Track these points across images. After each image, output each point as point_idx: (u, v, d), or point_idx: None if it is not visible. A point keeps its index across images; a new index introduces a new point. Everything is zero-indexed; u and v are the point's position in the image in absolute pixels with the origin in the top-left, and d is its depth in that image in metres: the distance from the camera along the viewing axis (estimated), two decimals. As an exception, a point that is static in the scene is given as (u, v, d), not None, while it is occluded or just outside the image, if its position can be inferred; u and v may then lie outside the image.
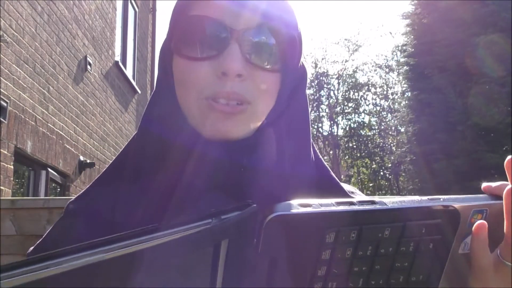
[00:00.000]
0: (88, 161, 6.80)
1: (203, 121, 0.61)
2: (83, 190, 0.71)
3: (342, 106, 18.14)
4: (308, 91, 0.71)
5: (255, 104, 0.61)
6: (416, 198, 0.50)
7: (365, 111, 18.15)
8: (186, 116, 0.63)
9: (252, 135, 0.63)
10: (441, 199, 0.50)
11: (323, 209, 0.45)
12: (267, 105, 0.63)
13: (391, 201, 0.48)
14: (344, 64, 18.29)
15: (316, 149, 0.73)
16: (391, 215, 0.47)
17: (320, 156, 0.72)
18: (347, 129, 17.82)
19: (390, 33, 19.04)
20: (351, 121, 17.96)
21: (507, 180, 0.53)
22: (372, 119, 17.89)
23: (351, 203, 0.47)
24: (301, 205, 0.45)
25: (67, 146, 6.21)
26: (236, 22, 0.59)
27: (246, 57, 0.59)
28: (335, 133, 17.74)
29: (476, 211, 0.51)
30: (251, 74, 0.60)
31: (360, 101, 18.03)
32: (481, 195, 0.55)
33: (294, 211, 0.44)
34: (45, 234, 0.68)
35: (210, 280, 0.43)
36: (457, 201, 0.51)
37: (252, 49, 0.60)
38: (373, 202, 0.47)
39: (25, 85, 5.12)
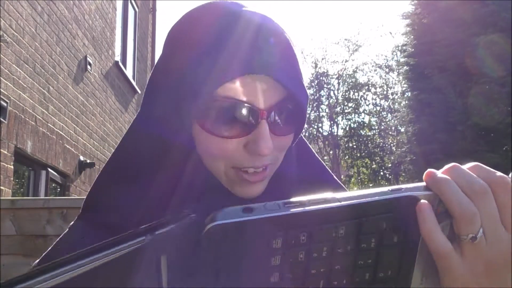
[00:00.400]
0: (88, 161, 6.80)
1: (231, 185, 0.64)
2: (92, 192, 0.72)
3: (342, 106, 18.14)
4: (308, 91, 0.72)
5: (276, 162, 0.65)
6: (377, 190, 0.46)
7: (365, 111, 18.15)
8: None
9: None
10: (402, 189, 0.46)
11: (266, 214, 0.43)
12: (282, 159, 0.67)
13: (347, 196, 0.45)
14: (344, 64, 18.29)
15: (311, 148, 0.75)
16: (344, 213, 0.44)
17: (317, 156, 0.74)
18: (347, 129, 17.82)
19: (390, 33, 19.04)
20: (351, 121, 17.97)
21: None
22: (372, 119, 17.89)
23: (301, 203, 0.44)
24: (244, 210, 0.43)
25: (67, 146, 6.21)
26: (262, 100, 0.60)
27: (273, 131, 0.61)
28: (335, 133, 17.74)
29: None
30: (276, 142, 0.62)
31: (360, 101, 18.03)
32: None
33: (233, 220, 0.42)
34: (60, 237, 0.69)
35: None
36: (418, 190, 0.46)
37: (277, 123, 0.62)
38: (325, 200, 0.44)
39: (25, 85, 5.12)
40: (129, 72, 9.14)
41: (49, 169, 5.69)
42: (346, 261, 0.45)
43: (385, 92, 17.75)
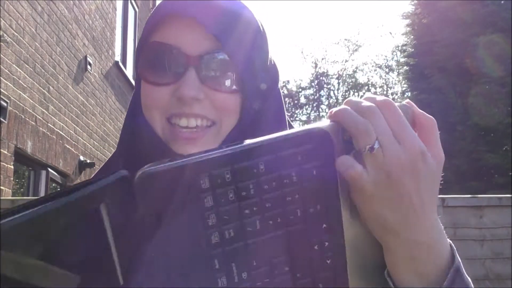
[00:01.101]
0: (88, 161, 6.81)
1: (169, 143, 0.65)
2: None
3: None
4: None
5: (219, 123, 0.65)
6: (287, 131, 0.48)
7: (365, 111, 18.13)
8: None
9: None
10: (306, 127, 0.48)
11: (189, 159, 0.45)
12: (230, 123, 0.66)
13: (262, 137, 0.47)
14: (344, 64, 18.31)
15: None
16: (260, 150, 0.46)
17: None
18: (347, 129, 17.78)
19: (390, 33, 19.07)
20: (351, 121, 17.92)
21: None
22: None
23: (220, 148, 0.46)
24: (170, 160, 0.45)
25: (67, 146, 6.22)
26: (193, 47, 0.63)
27: (203, 80, 0.63)
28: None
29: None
30: (210, 96, 0.63)
31: (360, 101, 18.00)
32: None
33: (159, 165, 0.45)
34: None
35: (102, 243, 0.44)
36: (320, 124, 0.48)
37: (208, 72, 0.63)
38: (241, 143, 0.47)
39: (25, 85, 5.12)
40: (129, 72, 9.15)
41: (49, 169, 5.69)
42: (275, 198, 0.47)
43: (385, 92, 17.76)
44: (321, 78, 17.90)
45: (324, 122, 0.49)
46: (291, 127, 0.73)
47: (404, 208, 0.46)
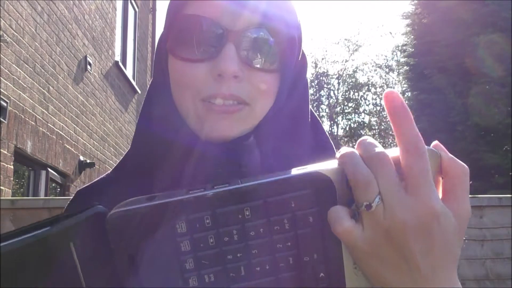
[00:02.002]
0: (88, 161, 6.80)
1: (200, 123, 0.60)
2: (91, 182, 0.73)
3: (342, 106, 18.15)
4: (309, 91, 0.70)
5: (253, 105, 0.61)
6: (282, 172, 0.44)
7: (365, 111, 18.16)
8: (183, 117, 0.63)
9: (250, 134, 0.62)
10: (308, 167, 0.44)
11: (164, 200, 0.42)
12: (266, 105, 0.62)
13: (252, 178, 0.44)
14: (344, 64, 18.31)
15: (327, 135, 0.71)
16: (246, 194, 0.43)
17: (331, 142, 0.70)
18: (347, 129, 17.83)
19: (390, 33, 19.06)
20: (351, 121, 17.98)
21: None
22: (372, 119, 17.90)
23: (205, 188, 0.43)
24: (148, 198, 0.43)
25: (67, 146, 6.21)
26: (233, 22, 0.58)
27: (242, 58, 0.58)
28: (335, 133, 17.76)
29: None
30: (248, 75, 0.59)
31: (360, 101, 18.04)
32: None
33: (132, 206, 0.42)
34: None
35: (73, 280, 0.42)
36: (328, 166, 0.44)
37: (249, 50, 0.59)
38: (228, 184, 0.43)
39: (25, 85, 5.12)
40: (129, 72, 9.14)
41: (49, 169, 5.69)
42: (263, 244, 0.44)
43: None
44: (321, 78, 17.91)
45: (330, 164, 0.44)
46: (313, 117, 0.69)
47: (409, 271, 0.41)
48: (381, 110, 17.68)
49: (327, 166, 0.44)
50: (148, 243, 0.42)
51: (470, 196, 0.44)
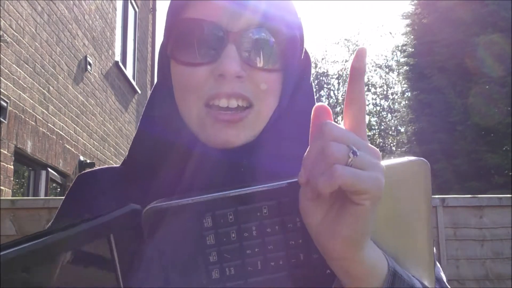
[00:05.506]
0: (88, 161, 6.80)
1: (203, 129, 0.60)
2: (93, 169, 0.74)
3: (342, 106, 18.12)
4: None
5: (257, 106, 0.61)
6: (290, 177, 0.49)
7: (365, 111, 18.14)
8: (185, 122, 0.63)
9: (256, 140, 0.62)
10: None
11: (195, 198, 0.47)
12: (270, 105, 0.62)
13: (269, 181, 0.49)
14: (344, 64, 18.30)
15: None
16: (264, 194, 0.48)
17: None
18: (347, 129, 17.77)
19: (390, 33, 19.06)
20: (351, 121, 17.91)
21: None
22: (372, 119, 17.89)
23: (229, 189, 0.48)
24: (178, 197, 0.47)
25: (67, 146, 6.21)
26: (233, 23, 0.58)
27: (244, 58, 0.58)
28: (335, 133, 17.71)
29: None
30: (251, 75, 0.59)
31: (360, 101, 17.99)
32: None
33: (165, 203, 0.47)
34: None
35: (112, 270, 0.46)
36: None
37: (250, 50, 0.59)
38: (248, 186, 0.48)
39: (25, 85, 5.12)
40: (129, 72, 9.14)
41: (49, 169, 5.69)
42: (277, 241, 0.48)
43: (385, 92, 17.76)
44: (321, 78, 17.90)
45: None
46: None
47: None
48: (381, 110, 17.69)
49: None
50: (177, 236, 0.47)
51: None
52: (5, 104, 4.59)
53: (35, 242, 0.42)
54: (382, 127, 17.10)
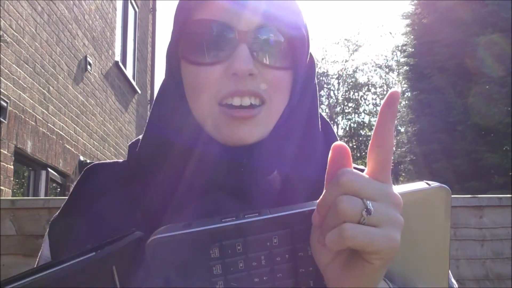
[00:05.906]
0: (88, 161, 6.80)
1: (218, 129, 0.61)
2: (102, 162, 0.74)
3: (342, 106, 18.15)
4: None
5: (269, 103, 0.62)
6: (309, 203, 0.48)
7: (365, 111, 18.17)
8: (198, 122, 0.63)
9: (268, 137, 0.63)
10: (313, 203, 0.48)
11: (200, 227, 0.46)
12: (281, 102, 0.63)
13: (280, 208, 0.48)
14: (344, 64, 18.31)
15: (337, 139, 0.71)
16: (274, 223, 0.47)
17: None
18: (347, 129, 17.83)
19: (390, 33, 19.07)
20: (351, 121, 17.98)
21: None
22: (372, 119, 17.89)
23: (237, 217, 0.47)
24: (184, 226, 0.46)
25: (67, 146, 6.21)
26: (243, 23, 0.60)
27: (255, 57, 0.60)
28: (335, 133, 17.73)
29: None
30: (262, 73, 0.60)
31: (360, 101, 18.04)
32: None
33: (171, 233, 0.46)
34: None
35: None
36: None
37: (260, 48, 0.60)
38: (259, 213, 0.47)
39: (25, 85, 5.12)
40: (129, 72, 9.14)
41: (49, 169, 5.69)
42: (287, 269, 0.47)
43: (385, 92, 17.75)
44: (321, 78, 17.90)
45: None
46: (324, 121, 0.70)
47: None
48: (381, 110, 17.68)
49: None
50: (183, 267, 0.46)
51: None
52: (5, 104, 4.59)
53: (38, 276, 0.41)
54: (382, 127, 17.06)
